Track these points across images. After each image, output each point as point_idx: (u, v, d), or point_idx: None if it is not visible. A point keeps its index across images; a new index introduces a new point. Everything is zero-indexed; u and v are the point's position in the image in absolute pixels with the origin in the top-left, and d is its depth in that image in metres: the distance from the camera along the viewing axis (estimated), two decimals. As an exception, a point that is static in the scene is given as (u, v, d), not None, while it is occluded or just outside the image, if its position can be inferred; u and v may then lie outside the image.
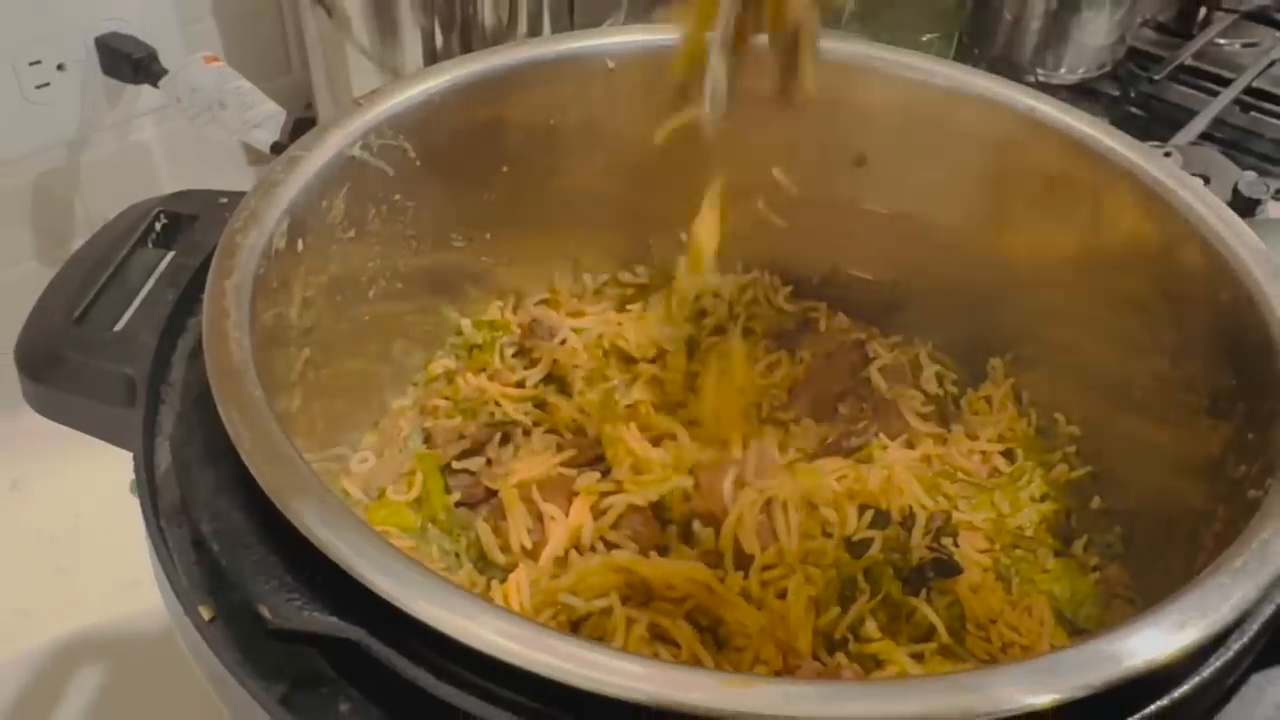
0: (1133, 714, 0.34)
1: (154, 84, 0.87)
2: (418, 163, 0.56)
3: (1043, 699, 0.32)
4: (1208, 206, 0.49)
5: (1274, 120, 1.05)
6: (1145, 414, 0.54)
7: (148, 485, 0.41)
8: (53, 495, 0.84)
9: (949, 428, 0.62)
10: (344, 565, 0.33)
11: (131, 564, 0.74)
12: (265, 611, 0.35)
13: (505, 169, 0.61)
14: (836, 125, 0.61)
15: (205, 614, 0.37)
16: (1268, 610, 0.37)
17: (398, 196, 0.56)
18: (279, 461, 0.36)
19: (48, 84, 0.86)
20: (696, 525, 0.55)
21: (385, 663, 0.34)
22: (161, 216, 0.53)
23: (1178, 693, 0.35)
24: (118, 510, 0.65)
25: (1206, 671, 0.35)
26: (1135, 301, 0.53)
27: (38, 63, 0.85)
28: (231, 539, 0.37)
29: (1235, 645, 0.36)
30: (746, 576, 0.52)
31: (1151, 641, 0.33)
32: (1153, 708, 0.34)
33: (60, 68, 0.86)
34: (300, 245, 0.49)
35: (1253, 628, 0.36)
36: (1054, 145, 0.56)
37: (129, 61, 0.87)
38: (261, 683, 0.36)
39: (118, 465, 0.51)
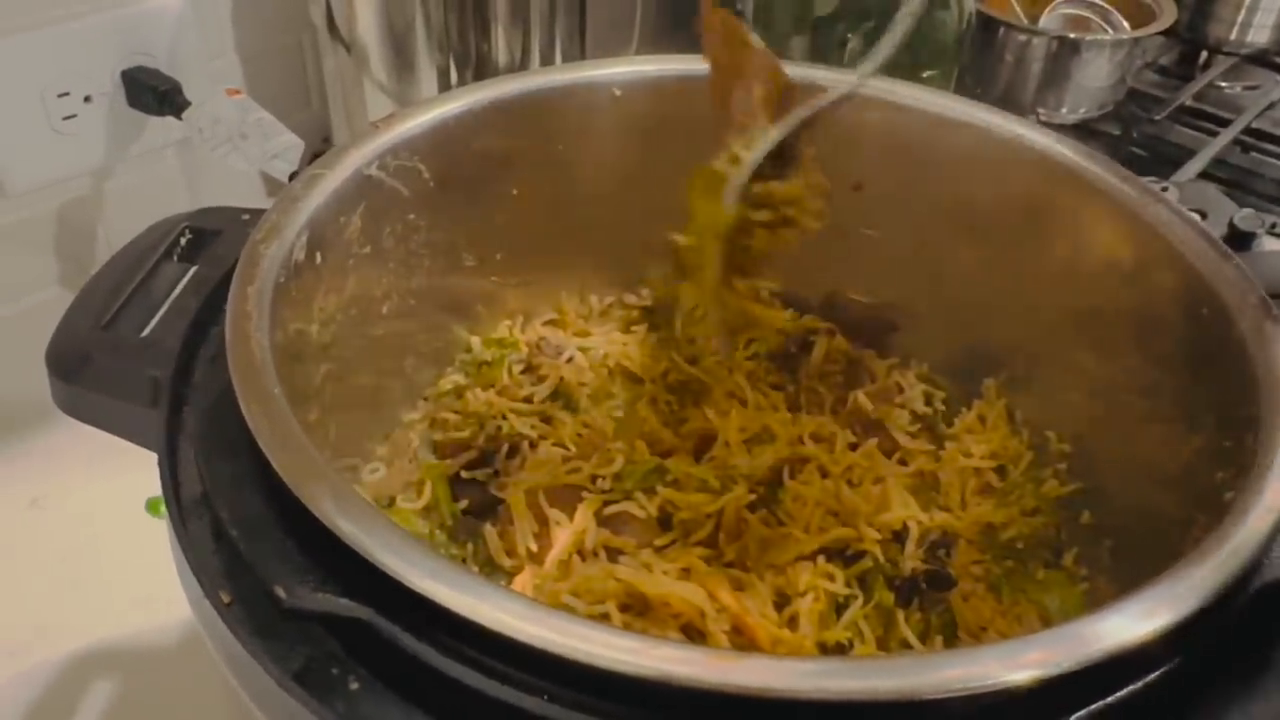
0: (1103, 699, 0.35)
1: (178, 116, 0.90)
2: (431, 184, 0.58)
3: (1017, 676, 0.33)
4: (1184, 223, 0.51)
5: (1274, 160, 1.06)
6: (1131, 429, 0.56)
7: (170, 480, 0.43)
8: (71, 513, 0.86)
9: (942, 445, 0.63)
10: (354, 546, 0.35)
11: (146, 581, 0.76)
12: (280, 592, 0.36)
13: (515, 192, 0.63)
14: (835, 152, 0.63)
15: (224, 598, 0.39)
16: (1238, 604, 0.38)
17: (412, 216, 0.58)
18: (295, 451, 0.38)
19: (75, 115, 0.89)
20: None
21: (393, 641, 0.36)
22: (186, 232, 0.55)
23: (1150, 678, 0.36)
24: (134, 529, 0.67)
25: (1178, 660, 0.37)
26: (1120, 320, 0.55)
27: (66, 94, 0.88)
28: (249, 526, 0.39)
29: (1206, 637, 0.38)
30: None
31: (1121, 626, 0.35)
32: (1124, 692, 0.36)
33: (87, 99, 0.89)
34: (318, 258, 0.51)
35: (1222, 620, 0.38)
36: (1037, 169, 0.58)
37: (154, 94, 0.90)
38: (276, 663, 0.37)
39: (135, 484, 0.53)
